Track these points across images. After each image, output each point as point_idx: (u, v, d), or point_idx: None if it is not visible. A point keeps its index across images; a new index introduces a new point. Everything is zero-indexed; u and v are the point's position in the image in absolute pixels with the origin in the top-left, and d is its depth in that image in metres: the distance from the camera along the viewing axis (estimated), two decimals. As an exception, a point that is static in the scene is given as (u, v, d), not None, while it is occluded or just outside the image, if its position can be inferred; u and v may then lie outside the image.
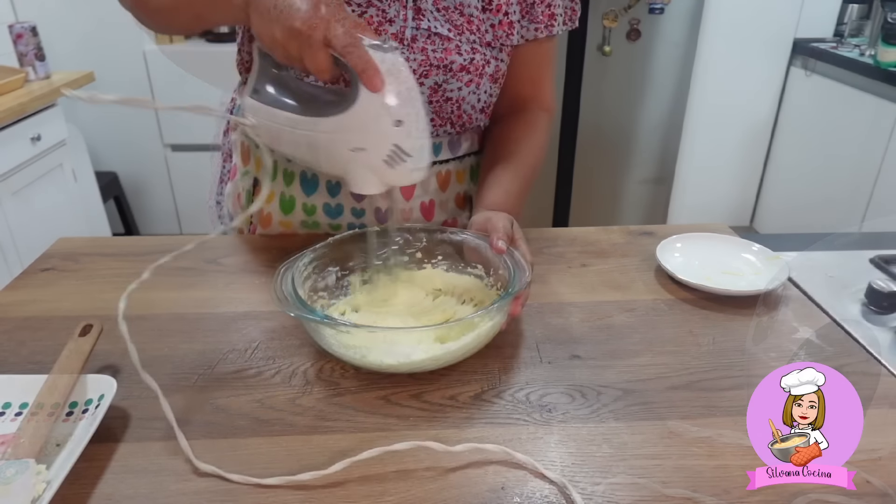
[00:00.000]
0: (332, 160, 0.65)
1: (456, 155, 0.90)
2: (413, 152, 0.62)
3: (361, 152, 0.61)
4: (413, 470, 0.51)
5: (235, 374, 0.63)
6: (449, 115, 0.84)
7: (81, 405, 0.56)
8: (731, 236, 0.89)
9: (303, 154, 0.68)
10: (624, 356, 0.66)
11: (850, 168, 2.44)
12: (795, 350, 0.68)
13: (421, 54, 0.78)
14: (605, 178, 2.89)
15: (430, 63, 0.78)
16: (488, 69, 0.83)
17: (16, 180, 1.93)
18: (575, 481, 0.51)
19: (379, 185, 0.64)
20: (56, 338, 0.67)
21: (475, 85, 0.83)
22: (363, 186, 0.64)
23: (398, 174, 0.63)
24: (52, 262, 0.84)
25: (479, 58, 0.81)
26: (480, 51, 0.81)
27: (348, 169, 0.64)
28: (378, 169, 0.62)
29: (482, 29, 0.80)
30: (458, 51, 0.79)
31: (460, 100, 0.83)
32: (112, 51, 2.62)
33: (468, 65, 0.80)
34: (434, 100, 0.82)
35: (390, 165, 0.62)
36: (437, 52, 0.78)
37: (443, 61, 0.79)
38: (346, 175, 0.64)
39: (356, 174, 0.64)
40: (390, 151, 0.61)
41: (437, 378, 0.62)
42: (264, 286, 0.78)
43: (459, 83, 0.81)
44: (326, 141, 0.63)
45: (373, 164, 0.62)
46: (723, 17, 2.66)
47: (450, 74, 0.80)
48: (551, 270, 0.83)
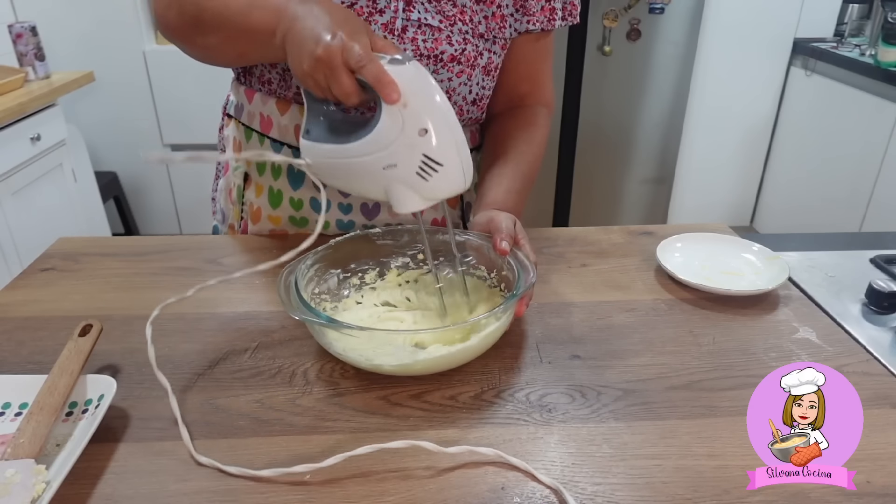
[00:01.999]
0: (373, 184, 0.63)
1: None
2: (444, 160, 0.60)
3: (393, 169, 0.60)
4: (413, 470, 0.51)
5: (235, 374, 0.63)
6: None
7: (81, 405, 0.56)
8: (731, 236, 0.89)
9: (352, 185, 0.66)
10: (624, 356, 0.66)
11: (850, 168, 2.44)
12: (795, 350, 0.68)
13: (411, 45, 0.77)
14: (605, 178, 2.89)
15: (419, 53, 0.78)
16: (480, 61, 0.82)
17: (16, 180, 1.93)
18: (575, 481, 0.51)
19: (420, 200, 0.62)
20: (56, 338, 0.67)
21: (466, 76, 0.82)
22: (406, 205, 0.62)
23: (434, 186, 0.61)
24: (52, 262, 0.84)
25: (471, 49, 0.80)
26: (472, 42, 0.80)
27: (388, 189, 0.62)
28: (413, 183, 0.60)
29: (475, 20, 0.80)
30: (448, 41, 0.78)
31: (451, 91, 0.82)
32: (112, 51, 2.62)
33: (459, 55, 0.80)
34: None
35: (424, 178, 0.60)
36: (427, 43, 0.78)
37: (433, 51, 0.78)
38: (388, 197, 0.63)
39: (395, 192, 0.62)
40: (421, 163, 0.59)
41: (437, 378, 0.62)
42: (264, 286, 0.78)
43: (450, 73, 0.81)
44: (362, 165, 0.61)
45: (407, 179, 0.60)
46: (723, 17, 2.66)
47: (440, 65, 0.79)
48: (551, 270, 0.83)
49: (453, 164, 0.61)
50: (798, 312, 0.75)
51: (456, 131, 0.61)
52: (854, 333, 0.71)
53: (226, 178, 0.96)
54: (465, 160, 0.62)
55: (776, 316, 0.74)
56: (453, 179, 0.62)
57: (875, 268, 0.86)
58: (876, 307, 0.77)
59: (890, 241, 0.95)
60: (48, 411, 0.53)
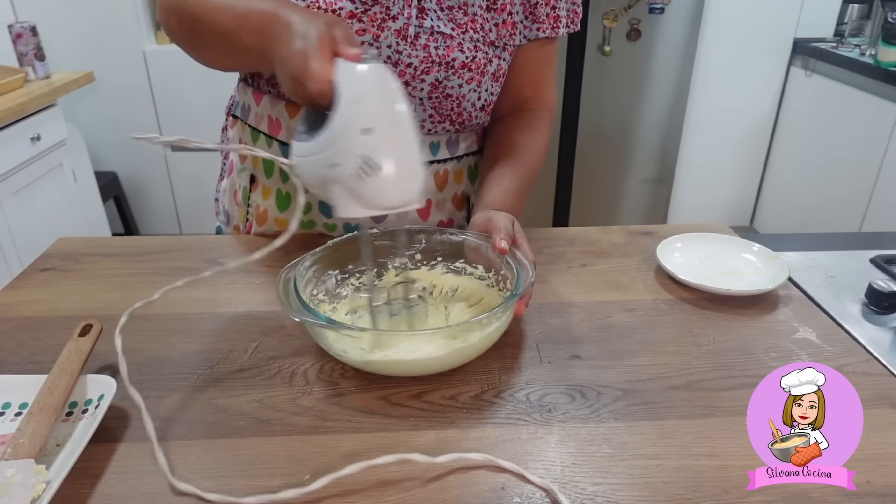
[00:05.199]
0: (320, 183, 0.61)
1: (454, 155, 0.90)
2: (383, 165, 0.57)
3: (335, 168, 0.57)
4: (413, 469, 0.51)
5: (235, 374, 0.63)
6: (448, 113, 0.84)
7: (81, 405, 0.56)
8: (731, 236, 0.89)
9: (315, 187, 0.64)
10: (624, 356, 0.66)
11: (850, 168, 2.44)
12: (795, 350, 0.68)
13: (423, 51, 0.78)
14: (605, 178, 2.89)
15: (431, 60, 0.78)
16: (490, 68, 0.83)
17: (16, 180, 1.93)
18: (575, 481, 0.51)
19: (360, 207, 0.59)
20: (56, 338, 0.67)
21: (476, 83, 0.83)
22: (345, 208, 0.59)
23: (373, 191, 0.57)
24: (52, 262, 0.84)
25: (482, 56, 0.81)
26: (483, 49, 0.81)
27: (328, 189, 0.59)
28: (352, 186, 0.57)
29: (486, 28, 0.81)
30: (460, 48, 0.79)
31: (461, 97, 0.83)
32: (112, 51, 2.62)
33: (470, 62, 0.80)
34: (434, 96, 0.82)
35: (362, 179, 0.57)
36: (439, 50, 0.78)
37: (444, 58, 0.79)
38: (329, 198, 0.60)
39: (336, 194, 0.59)
40: (360, 163, 0.56)
41: (437, 378, 0.62)
42: (265, 286, 0.78)
43: (460, 80, 0.81)
44: (316, 163, 0.59)
45: (346, 179, 0.57)
46: (723, 17, 2.66)
47: (451, 71, 0.80)
48: (551, 270, 0.83)
49: (394, 171, 0.57)
50: (798, 312, 0.75)
51: (406, 140, 0.58)
52: (854, 333, 0.71)
53: (230, 179, 0.96)
54: (412, 171, 0.59)
55: (776, 316, 0.74)
56: (393, 188, 0.58)
57: (875, 268, 0.86)
58: (876, 307, 0.77)
59: (890, 241, 0.95)
60: (48, 411, 0.53)
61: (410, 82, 0.80)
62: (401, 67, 0.78)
